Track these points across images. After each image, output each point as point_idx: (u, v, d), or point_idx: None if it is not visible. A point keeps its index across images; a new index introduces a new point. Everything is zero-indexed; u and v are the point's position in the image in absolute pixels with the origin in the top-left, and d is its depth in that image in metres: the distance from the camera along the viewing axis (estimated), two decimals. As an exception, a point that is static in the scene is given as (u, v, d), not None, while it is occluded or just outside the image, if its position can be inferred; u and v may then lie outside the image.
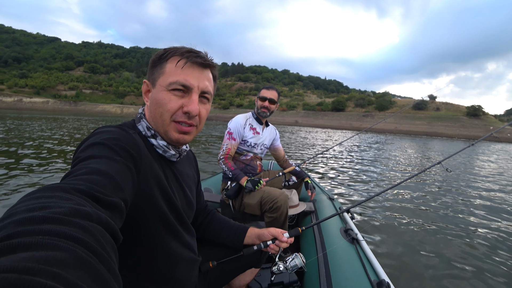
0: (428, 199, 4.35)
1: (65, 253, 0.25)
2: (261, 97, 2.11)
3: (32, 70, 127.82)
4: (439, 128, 49.55)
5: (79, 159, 0.55)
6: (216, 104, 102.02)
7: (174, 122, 0.74)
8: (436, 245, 2.74)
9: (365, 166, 7.52)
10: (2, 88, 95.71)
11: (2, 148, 6.84)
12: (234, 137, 2.07)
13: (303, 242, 1.75)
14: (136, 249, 0.72)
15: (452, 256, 2.53)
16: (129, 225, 0.58)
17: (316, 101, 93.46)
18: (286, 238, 1.05)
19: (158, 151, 0.79)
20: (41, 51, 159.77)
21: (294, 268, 1.07)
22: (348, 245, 1.43)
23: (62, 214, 0.31)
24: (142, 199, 0.66)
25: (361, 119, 61.71)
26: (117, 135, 0.63)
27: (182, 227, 0.84)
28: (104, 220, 0.36)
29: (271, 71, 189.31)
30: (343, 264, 1.28)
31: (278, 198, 1.77)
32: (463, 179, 5.99)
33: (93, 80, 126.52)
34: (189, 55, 0.73)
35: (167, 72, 0.72)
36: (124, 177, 0.55)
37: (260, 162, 2.26)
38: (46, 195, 0.36)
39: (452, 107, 62.96)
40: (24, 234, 0.26)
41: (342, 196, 4.40)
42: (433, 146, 18.88)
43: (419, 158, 10.85)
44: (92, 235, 0.31)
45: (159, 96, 0.72)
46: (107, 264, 0.29)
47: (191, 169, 1.01)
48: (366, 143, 16.99)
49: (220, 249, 1.11)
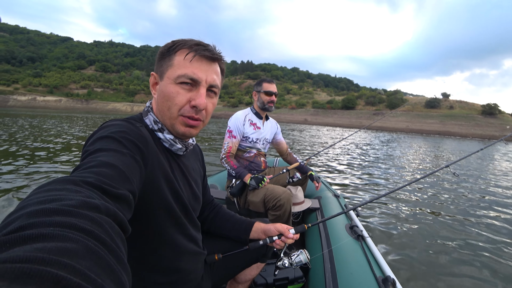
0: (435, 200, 4.29)
1: (75, 244, 0.26)
2: (267, 92, 2.08)
3: (45, 69, 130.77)
4: (453, 127, 48.17)
5: (87, 153, 0.55)
6: (225, 102, 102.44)
7: (182, 116, 0.74)
8: (442, 243, 2.72)
9: (372, 165, 7.44)
10: (17, 87, 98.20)
11: (12, 145, 7.04)
12: (234, 135, 2.05)
13: (308, 238, 1.76)
14: (142, 240, 0.73)
15: (457, 254, 2.51)
16: (135, 217, 0.59)
17: (326, 99, 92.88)
18: (292, 234, 1.06)
19: (165, 145, 0.79)
20: (54, 51, 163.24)
21: (298, 264, 1.08)
22: (353, 242, 1.43)
23: (72, 206, 0.32)
24: (149, 192, 0.67)
25: (371, 117, 60.80)
26: (124, 129, 0.64)
27: (188, 220, 0.85)
28: (112, 212, 0.37)
29: (280, 69, 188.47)
30: (349, 260, 1.28)
31: (281, 196, 1.78)
32: (473, 182, 5.86)
33: (104, 78, 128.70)
34: (197, 48, 0.72)
35: (175, 65, 0.72)
36: (132, 169, 0.55)
37: (264, 158, 2.25)
38: (57, 188, 0.37)
39: (467, 105, 61.35)
40: (36, 226, 0.27)
41: (348, 193, 4.38)
42: (445, 146, 18.51)
43: (429, 158, 10.66)
44: (101, 227, 0.32)
45: (167, 89, 0.72)
46: (115, 254, 0.30)
47: (197, 163, 1.02)
48: (374, 142, 16.81)
49: (226, 243, 1.12)
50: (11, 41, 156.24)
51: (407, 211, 3.61)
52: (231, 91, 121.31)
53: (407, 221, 3.25)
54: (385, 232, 2.87)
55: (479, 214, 3.71)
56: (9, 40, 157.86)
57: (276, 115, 70.51)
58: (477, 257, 2.47)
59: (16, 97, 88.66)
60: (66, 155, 6.17)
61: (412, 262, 2.31)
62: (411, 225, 3.13)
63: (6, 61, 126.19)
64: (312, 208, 2.10)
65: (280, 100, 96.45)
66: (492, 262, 2.40)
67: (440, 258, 2.42)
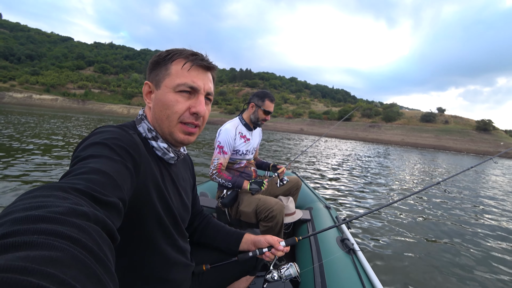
0: (428, 215, 4.30)
1: (60, 253, 0.25)
2: (266, 111, 1.99)
3: (43, 67, 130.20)
4: (447, 142, 48.64)
5: (78, 158, 0.54)
6: (222, 109, 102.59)
7: (181, 124, 0.76)
8: (435, 259, 2.71)
9: (365, 177, 7.47)
10: (13, 84, 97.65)
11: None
12: (225, 151, 1.92)
13: (298, 251, 1.73)
14: (129, 249, 0.72)
15: (450, 270, 2.50)
16: (124, 225, 0.57)
17: (322, 109, 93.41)
18: (282, 247, 1.04)
19: (158, 153, 0.79)
20: (54, 50, 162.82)
21: (288, 277, 1.06)
22: (344, 256, 1.41)
23: (59, 214, 0.31)
24: (139, 200, 0.67)
25: (367, 129, 61.24)
26: (117, 135, 0.63)
27: (176, 230, 0.84)
28: (101, 219, 0.36)
29: (278, 78, 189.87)
30: (339, 274, 1.26)
31: (273, 207, 1.75)
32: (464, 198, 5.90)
33: (102, 80, 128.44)
34: (194, 58, 0.75)
35: (173, 74, 0.73)
36: (123, 177, 0.55)
37: (254, 167, 2.21)
38: (44, 194, 0.36)
39: (462, 120, 61.97)
40: (20, 233, 0.26)
41: (339, 205, 4.37)
42: (439, 161, 18.67)
43: (424, 172, 10.72)
44: (88, 235, 0.31)
45: (166, 98, 0.73)
46: (103, 264, 0.29)
47: (187, 172, 1.01)
48: (368, 154, 16.89)
49: (215, 254, 1.10)
50: (11, 38, 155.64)
51: (399, 225, 3.61)
52: (228, 98, 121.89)
53: (399, 235, 3.25)
54: (376, 246, 2.86)
55: (470, 228, 3.73)
56: (9, 37, 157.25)
57: (273, 124, 70.78)
58: (469, 273, 2.47)
59: (12, 94, 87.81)
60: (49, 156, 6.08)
61: (404, 278, 2.29)
62: (403, 239, 3.13)
63: (4, 58, 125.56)
64: (303, 219, 2.07)
65: (277, 109, 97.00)
66: (485, 278, 2.40)
67: (433, 274, 2.41)
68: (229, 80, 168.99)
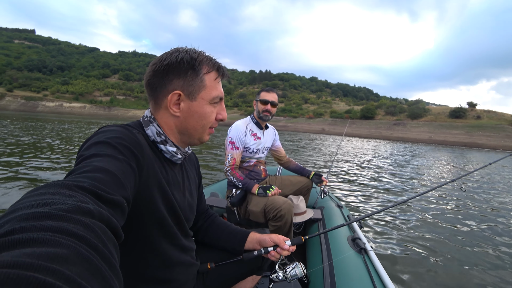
0: (443, 213, 4.08)
1: (66, 250, 0.26)
2: (262, 100, 2.05)
3: (73, 77, 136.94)
4: (480, 138, 45.27)
5: (82, 157, 0.55)
6: (242, 111, 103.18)
7: (209, 128, 0.83)
8: (450, 259, 2.56)
9: (382, 176, 7.20)
10: (46, 94, 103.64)
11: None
12: (237, 146, 2.01)
13: (308, 250, 1.71)
14: (132, 248, 0.73)
15: (467, 271, 2.36)
16: (127, 224, 0.58)
17: (344, 108, 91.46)
18: (288, 246, 1.03)
19: (166, 156, 0.80)
20: (82, 60, 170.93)
21: (294, 277, 1.04)
22: (355, 255, 1.37)
23: (64, 211, 0.31)
24: (142, 199, 0.67)
25: (391, 127, 59.06)
26: (120, 134, 0.64)
27: (180, 230, 0.84)
28: (106, 217, 0.37)
29: (298, 78, 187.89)
30: (350, 274, 1.23)
31: (281, 207, 1.73)
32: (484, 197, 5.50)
33: (127, 87, 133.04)
34: (221, 70, 0.81)
35: (208, 86, 0.77)
36: (127, 175, 0.56)
37: (264, 166, 2.22)
38: (50, 192, 0.36)
39: (496, 115, 58.06)
40: (26, 230, 0.27)
41: (353, 204, 4.25)
42: (472, 158, 17.68)
43: (447, 171, 10.21)
44: (93, 232, 0.31)
45: (204, 110, 0.78)
46: (108, 261, 0.30)
47: (192, 171, 1.02)
48: (390, 153, 16.32)
49: (220, 253, 1.10)
50: (44, 52, 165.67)
51: (412, 224, 3.45)
52: (248, 100, 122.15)
53: (413, 234, 3.11)
54: (389, 245, 2.75)
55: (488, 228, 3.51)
56: (42, 50, 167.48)
57: (293, 125, 70.19)
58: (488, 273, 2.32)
59: (45, 103, 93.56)
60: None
61: (417, 279, 2.18)
62: (417, 239, 2.99)
63: (38, 70, 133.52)
64: (314, 218, 2.04)
65: (298, 109, 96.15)
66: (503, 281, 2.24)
67: (448, 275, 2.28)
68: (249, 83, 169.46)
